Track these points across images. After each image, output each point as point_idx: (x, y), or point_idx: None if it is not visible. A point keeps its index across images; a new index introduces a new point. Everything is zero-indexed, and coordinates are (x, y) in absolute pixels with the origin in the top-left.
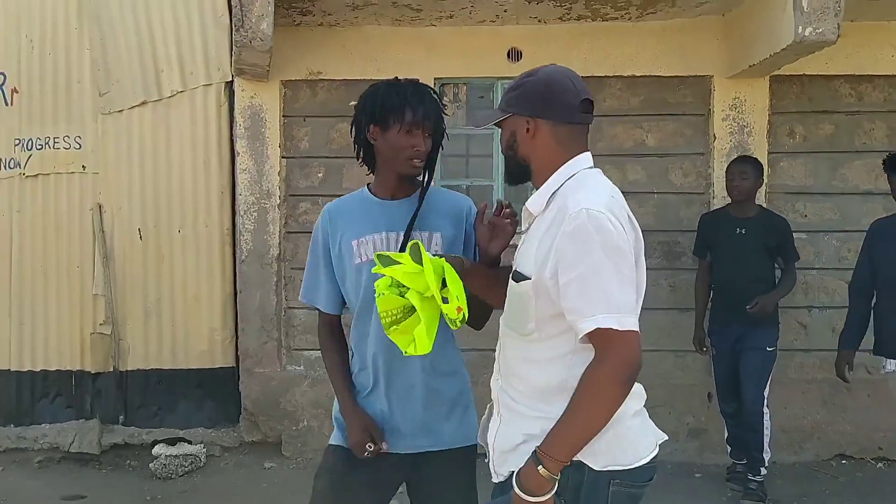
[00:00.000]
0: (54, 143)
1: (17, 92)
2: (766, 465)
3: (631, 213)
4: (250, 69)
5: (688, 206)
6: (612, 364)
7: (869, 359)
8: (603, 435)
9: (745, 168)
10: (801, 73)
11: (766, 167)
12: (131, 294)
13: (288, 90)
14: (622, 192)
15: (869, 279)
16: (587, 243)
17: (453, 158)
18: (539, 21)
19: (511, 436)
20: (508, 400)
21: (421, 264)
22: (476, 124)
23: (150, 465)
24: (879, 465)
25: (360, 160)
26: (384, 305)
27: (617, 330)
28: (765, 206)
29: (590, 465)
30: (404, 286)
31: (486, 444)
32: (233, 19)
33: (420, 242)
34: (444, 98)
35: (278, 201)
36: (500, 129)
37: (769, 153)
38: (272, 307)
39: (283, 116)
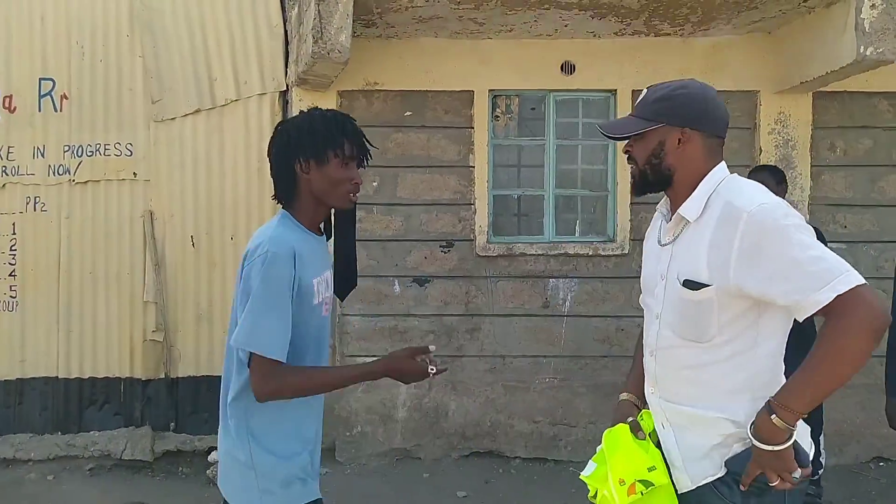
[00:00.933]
0: (105, 149)
1: (66, 98)
2: (822, 468)
3: None
4: (317, 79)
5: None
6: (862, 317)
7: None
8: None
9: (762, 176)
10: (843, 90)
11: (808, 180)
12: (182, 301)
13: (344, 100)
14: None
15: None
16: (779, 230)
17: (504, 169)
18: (594, 35)
19: (700, 443)
20: (682, 409)
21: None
22: (615, 133)
23: (207, 471)
24: (881, 463)
25: (277, 193)
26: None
27: (855, 287)
28: (806, 216)
29: None
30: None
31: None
32: (291, 30)
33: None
34: (497, 109)
35: None
36: (610, 139)
37: (812, 166)
38: None
39: None
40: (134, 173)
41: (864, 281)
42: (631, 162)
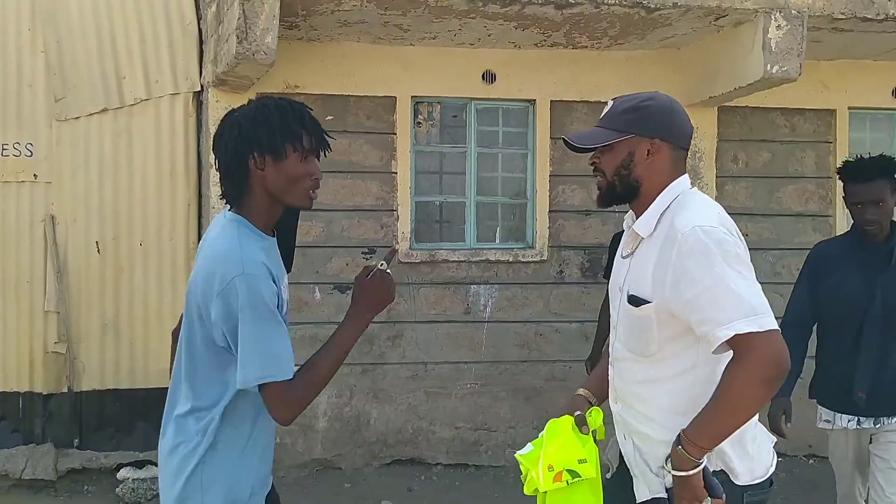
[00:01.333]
0: (3, 149)
1: None
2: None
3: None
4: (237, 81)
5: None
6: (755, 364)
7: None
8: (738, 452)
9: None
10: (745, 105)
11: (714, 190)
12: (87, 310)
13: None
14: (587, 213)
15: (808, 313)
16: (707, 256)
17: (426, 176)
18: (515, 46)
19: (657, 455)
20: (637, 424)
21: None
22: (585, 144)
23: (117, 489)
24: (811, 461)
25: (227, 193)
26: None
27: (758, 332)
28: None
29: (734, 481)
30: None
31: (610, 462)
32: (207, 29)
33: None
34: (420, 116)
35: None
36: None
37: (717, 177)
38: None
39: None
40: (34, 175)
41: (773, 326)
42: (598, 173)
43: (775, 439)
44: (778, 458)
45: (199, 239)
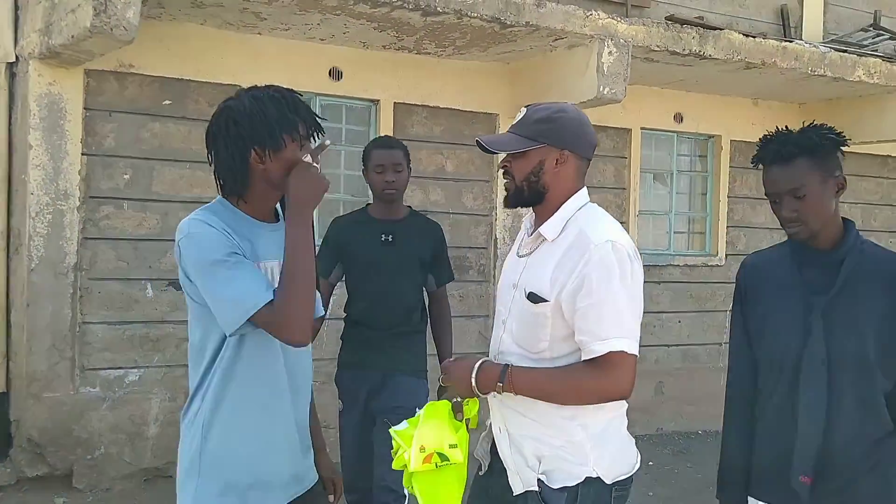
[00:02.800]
0: None
1: None
2: None
3: None
4: (76, 56)
5: (476, 225)
6: (610, 382)
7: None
8: (610, 451)
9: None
10: None
11: None
12: None
13: (92, 80)
14: (424, 212)
15: (750, 366)
16: (610, 272)
17: None
18: (364, 45)
19: (527, 452)
20: (516, 417)
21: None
22: (497, 148)
23: None
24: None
25: (228, 189)
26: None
27: (626, 353)
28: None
29: (604, 480)
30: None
31: (482, 458)
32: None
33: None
34: None
35: (77, 203)
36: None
37: None
38: (66, 322)
39: (86, 109)
40: None
41: (635, 352)
42: (507, 177)
43: (632, 439)
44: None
45: (8, 228)
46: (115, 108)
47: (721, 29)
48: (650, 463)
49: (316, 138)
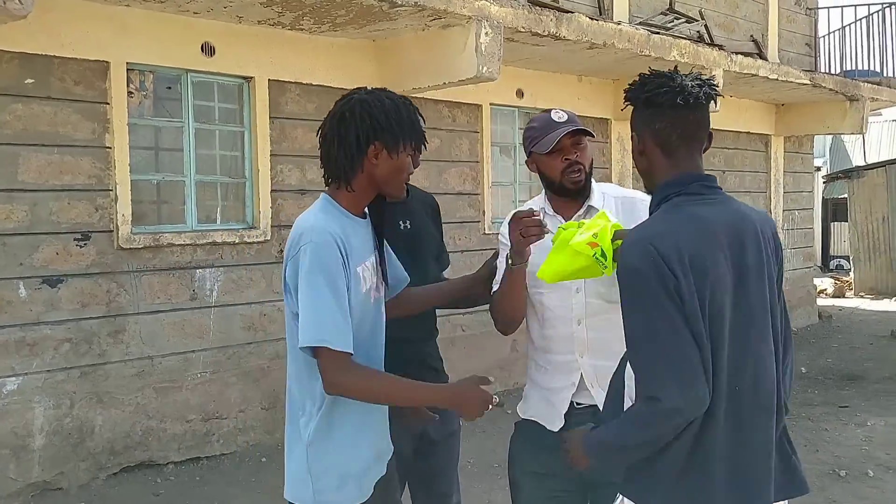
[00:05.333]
0: None
1: None
2: None
3: None
4: None
5: None
6: None
7: None
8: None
9: None
10: (421, 97)
11: None
12: None
13: None
14: (303, 192)
15: None
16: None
17: (141, 152)
18: (238, 20)
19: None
20: (612, 365)
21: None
22: (584, 132)
23: None
24: None
25: (339, 174)
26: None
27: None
28: None
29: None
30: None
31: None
32: None
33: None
34: (131, 85)
35: None
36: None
37: None
38: None
39: None
40: None
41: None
42: (578, 167)
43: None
44: None
45: None
46: None
47: (571, 12)
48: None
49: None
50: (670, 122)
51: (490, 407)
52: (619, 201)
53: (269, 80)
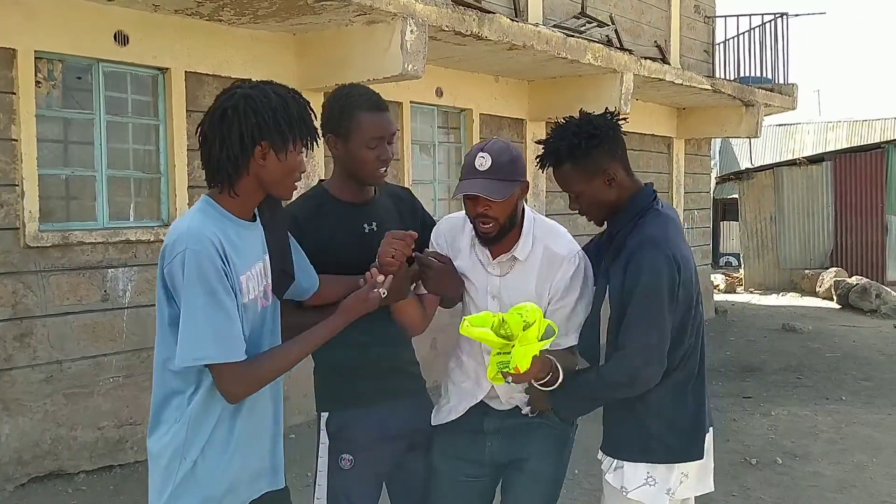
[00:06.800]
0: None
1: None
2: None
3: None
4: None
5: None
6: None
7: None
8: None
9: None
10: None
11: (323, 168)
12: None
13: None
14: None
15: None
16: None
17: (49, 144)
18: (153, 8)
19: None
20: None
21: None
22: (495, 198)
23: None
24: None
25: (220, 178)
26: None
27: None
28: None
29: None
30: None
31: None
32: None
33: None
34: (39, 74)
35: None
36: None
37: (324, 156)
38: None
39: None
40: None
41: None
42: (488, 220)
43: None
44: None
45: None
46: None
47: (493, 13)
48: None
49: (311, 149)
50: (623, 144)
51: (381, 295)
52: (545, 257)
53: (185, 71)
